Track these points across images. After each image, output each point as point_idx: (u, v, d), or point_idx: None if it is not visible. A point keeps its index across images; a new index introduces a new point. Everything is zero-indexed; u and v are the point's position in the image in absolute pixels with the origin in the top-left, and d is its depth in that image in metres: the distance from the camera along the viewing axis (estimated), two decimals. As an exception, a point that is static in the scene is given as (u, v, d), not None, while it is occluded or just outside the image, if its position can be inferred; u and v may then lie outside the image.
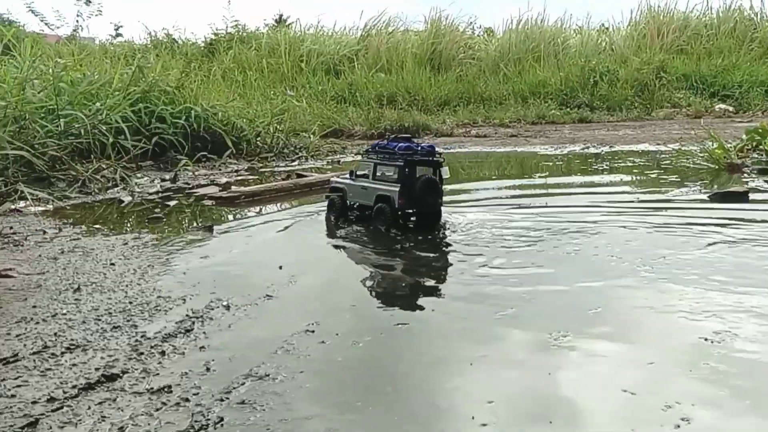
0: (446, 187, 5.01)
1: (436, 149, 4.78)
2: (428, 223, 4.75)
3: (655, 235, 4.51)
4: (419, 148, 4.67)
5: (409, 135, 5.03)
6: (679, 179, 6.95)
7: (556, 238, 4.43)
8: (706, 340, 2.71)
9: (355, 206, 4.97)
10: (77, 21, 15.36)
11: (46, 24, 15.11)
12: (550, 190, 6.70)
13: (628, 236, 4.46)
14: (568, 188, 6.78)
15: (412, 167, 4.58)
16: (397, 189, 4.57)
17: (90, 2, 14.60)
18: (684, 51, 19.18)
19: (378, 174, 4.76)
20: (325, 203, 5.22)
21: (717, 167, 7.52)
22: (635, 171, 7.75)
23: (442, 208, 4.84)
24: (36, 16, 15.09)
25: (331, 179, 5.31)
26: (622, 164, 8.41)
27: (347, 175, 5.09)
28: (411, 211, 4.74)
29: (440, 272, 3.85)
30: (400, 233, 4.64)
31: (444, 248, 4.31)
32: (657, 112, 15.85)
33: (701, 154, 8.09)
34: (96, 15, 15.63)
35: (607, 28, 22.32)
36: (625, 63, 17.73)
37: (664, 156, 9.07)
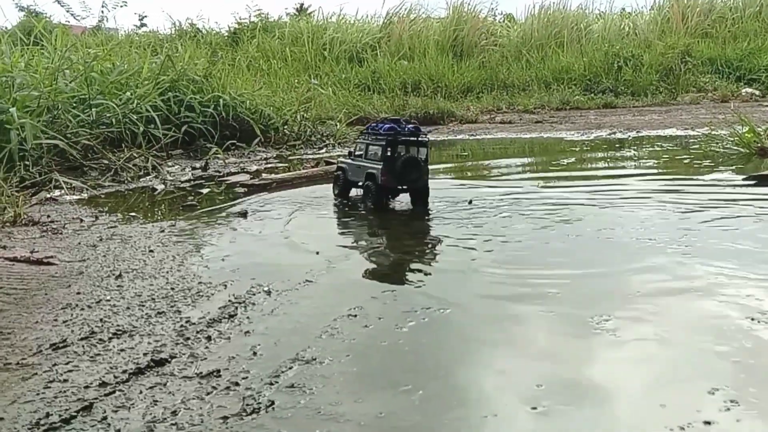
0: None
1: (422, 130, 5.08)
2: (419, 198, 5.06)
3: (692, 218, 4.48)
4: (405, 128, 4.97)
5: (398, 117, 5.38)
6: (711, 163, 6.88)
7: (590, 221, 4.43)
8: (752, 320, 2.69)
9: (358, 184, 5.28)
10: (102, 12, 15.50)
11: (72, 15, 15.26)
12: (582, 174, 6.64)
13: (663, 219, 4.45)
14: (598, 172, 6.71)
15: (393, 146, 4.90)
16: (381, 167, 4.89)
17: (115, -8, 14.73)
18: (709, 35, 18.94)
19: (370, 153, 5.10)
20: (354, 191, 5.49)
21: (748, 152, 7.43)
22: (665, 156, 7.68)
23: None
24: (62, 6, 15.24)
25: (339, 159, 5.73)
26: (651, 149, 8.34)
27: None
28: (399, 187, 5.02)
29: (476, 256, 3.83)
30: (428, 216, 4.77)
31: (477, 232, 4.30)
32: (683, 96, 15.69)
33: (731, 139, 7.99)
34: (121, 6, 15.76)
35: (630, 13, 22.05)
36: (649, 47, 17.55)
37: (692, 140, 8.97)
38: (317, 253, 3.86)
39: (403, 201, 5.20)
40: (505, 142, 10.16)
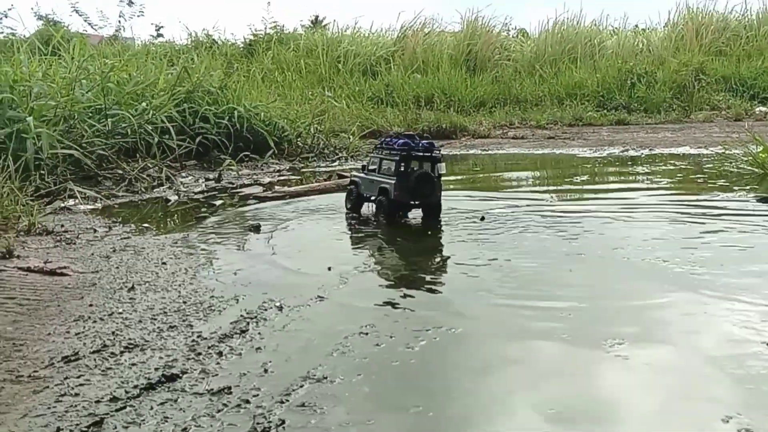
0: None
1: (436, 146, 5.11)
2: (431, 214, 5.10)
3: (706, 238, 4.46)
4: (419, 144, 5.00)
5: (412, 132, 5.40)
6: (725, 183, 6.84)
7: (602, 239, 4.42)
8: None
9: (371, 198, 5.27)
10: (119, 22, 15.63)
11: (89, 24, 15.40)
12: (595, 191, 6.62)
13: (676, 239, 4.44)
14: (610, 189, 6.68)
15: (407, 161, 4.92)
16: (394, 182, 4.92)
17: (132, 3, 14.87)
18: (723, 52, 18.86)
19: (383, 168, 5.12)
20: (366, 206, 5.46)
21: (762, 172, 7.38)
22: (678, 175, 7.65)
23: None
24: (80, 16, 15.39)
25: (352, 173, 5.74)
26: (664, 167, 8.30)
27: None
28: (412, 203, 5.05)
29: (487, 275, 3.82)
30: (439, 231, 4.72)
31: (488, 250, 4.29)
32: (696, 114, 15.62)
33: (745, 158, 7.94)
34: (138, 16, 15.90)
35: (643, 30, 22.02)
36: (663, 64, 17.49)
37: (706, 159, 8.93)
38: (329, 268, 3.85)
39: (415, 215, 5.20)
40: (517, 157, 10.14)
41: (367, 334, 2.87)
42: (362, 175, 5.36)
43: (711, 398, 2.32)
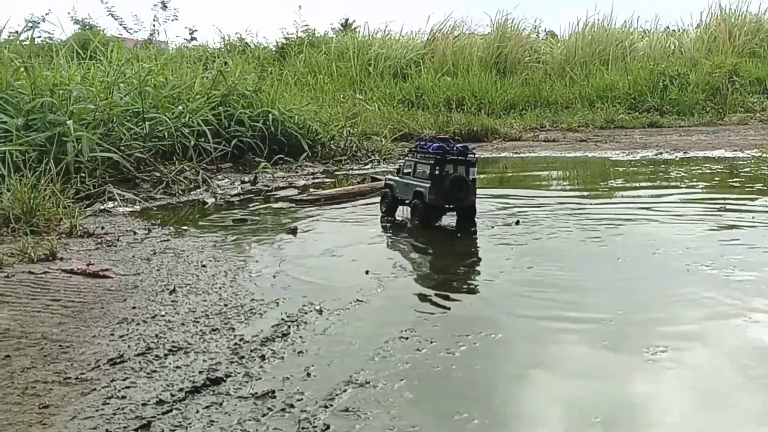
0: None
1: (471, 150, 5.12)
2: (466, 217, 5.12)
3: (743, 242, 4.44)
4: (453, 148, 5.03)
5: (446, 136, 5.44)
6: (763, 187, 6.74)
7: (638, 243, 4.39)
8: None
9: (406, 202, 5.29)
10: (154, 25, 15.83)
11: (124, 28, 15.61)
12: (630, 195, 6.55)
13: (713, 243, 4.42)
14: (645, 193, 6.60)
15: (442, 165, 4.94)
16: (428, 185, 4.94)
17: (166, 7, 15.04)
18: (756, 54, 18.55)
19: (418, 172, 5.13)
20: (401, 209, 5.47)
21: (801, 175, 7.28)
22: (715, 179, 7.55)
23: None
24: (116, 20, 15.60)
25: (387, 176, 5.73)
26: (699, 171, 8.20)
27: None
28: (447, 206, 5.07)
29: (524, 279, 3.81)
30: (473, 234, 4.77)
31: (524, 253, 4.29)
32: (730, 116, 15.39)
33: (783, 162, 7.83)
34: (172, 20, 16.08)
35: (674, 31, 21.74)
36: (695, 66, 17.26)
37: (742, 163, 8.81)
38: (367, 272, 3.87)
39: (451, 219, 5.19)
40: (549, 160, 10.08)
41: (407, 338, 2.88)
42: (397, 178, 5.37)
43: (754, 404, 2.30)
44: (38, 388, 2.39)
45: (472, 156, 5.05)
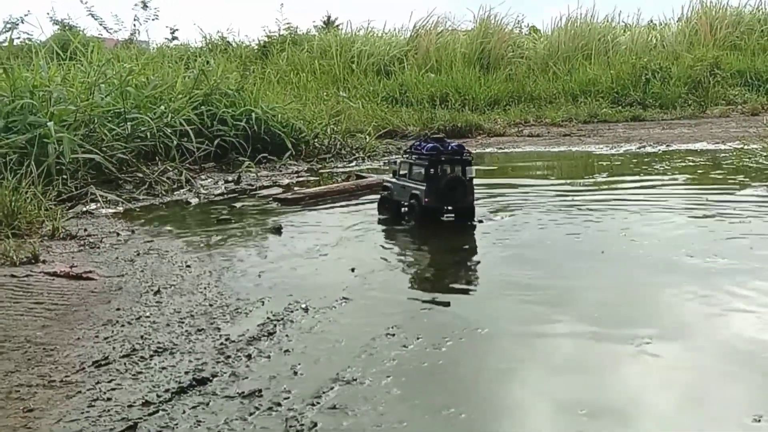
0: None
1: (466, 149, 5.03)
2: (463, 218, 5.01)
3: (732, 232, 4.48)
4: (449, 147, 4.94)
5: (441, 135, 5.25)
6: (745, 179, 6.79)
7: (624, 235, 4.41)
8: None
9: (404, 204, 5.20)
10: (134, 25, 15.72)
11: (105, 28, 15.49)
12: (614, 188, 6.58)
13: (698, 235, 4.45)
14: (630, 188, 6.63)
15: (436, 166, 4.85)
16: (424, 187, 4.85)
17: (147, 6, 14.94)
18: (738, 47, 18.68)
19: (414, 173, 5.05)
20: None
21: (782, 167, 7.32)
22: (699, 171, 7.60)
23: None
24: (96, 20, 15.48)
25: (384, 179, 5.63)
26: (682, 163, 8.25)
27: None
28: (445, 207, 4.98)
29: (511, 273, 3.82)
30: (462, 230, 4.74)
31: (512, 246, 4.30)
32: (712, 109, 15.47)
33: (764, 153, 7.87)
34: (153, 19, 15.98)
35: (656, 25, 21.86)
36: (677, 60, 17.35)
37: (724, 155, 8.87)
38: (353, 270, 3.86)
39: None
40: (533, 155, 10.11)
41: (393, 335, 2.88)
42: (394, 180, 5.28)
43: (742, 398, 2.31)
44: (22, 392, 2.37)
45: (468, 155, 4.97)
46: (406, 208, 5.16)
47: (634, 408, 2.27)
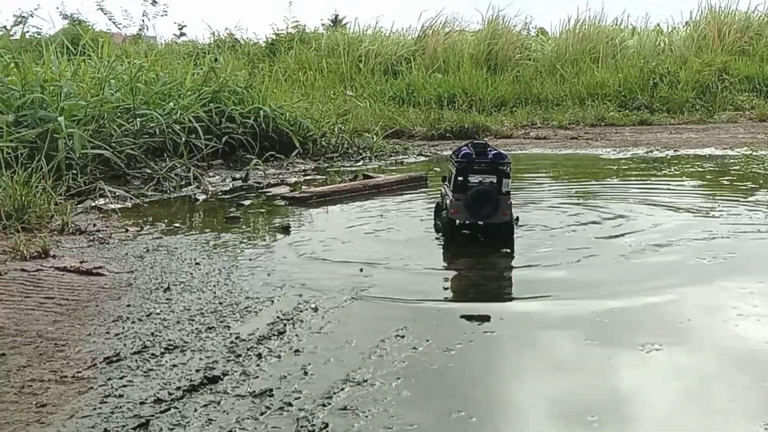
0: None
1: (506, 158, 4.37)
2: (497, 236, 4.42)
3: (741, 238, 4.49)
4: (488, 155, 4.34)
5: (484, 141, 4.69)
6: (754, 185, 6.78)
7: (636, 240, 4.40)
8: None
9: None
10: (143, 21, 15.75)
11: (114, 23, 15.53)
12: (624, 194, 6.57)
13: (709, 241, 4.42)
14: (639, 193, 6.63)
15: (465, 175, 4.29)
16: (451, 198, 4.35)
17: (156, 2, 14.97)
18: (746, 52, 18.64)
19: (450, 180, 4.59)
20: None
21: (791, 174, 7.33)
22: (708, 177, 7.60)
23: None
24: (105, 15, 15.52)
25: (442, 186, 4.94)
26: (690, 168, 8.24)
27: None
28: (473, 222, 4.43)
29: (522, 276, 3.83)
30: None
31: (523, 249, 4.30)
32: (719, 114, 15.44)
33: (773, 160, 7.88)
34: (162, 15, 16.01)
35: (663, 29, 21.81)
36: (685, 64, 17.31)
37: (732, 161, 8.86)
38: (361, 270, 3.87)
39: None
40: (541, 157, 10.10)
41: (403, 336, 2.88)
42: (444, 186, 4.77)
43: (753, 405, 2.32)
44: (35, 387, 2.39)
45: (506, 166, 4.32)
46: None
47: (644, 413, 2.27)
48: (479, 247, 4.51)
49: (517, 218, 4.52)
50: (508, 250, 4.30)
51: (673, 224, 4.96)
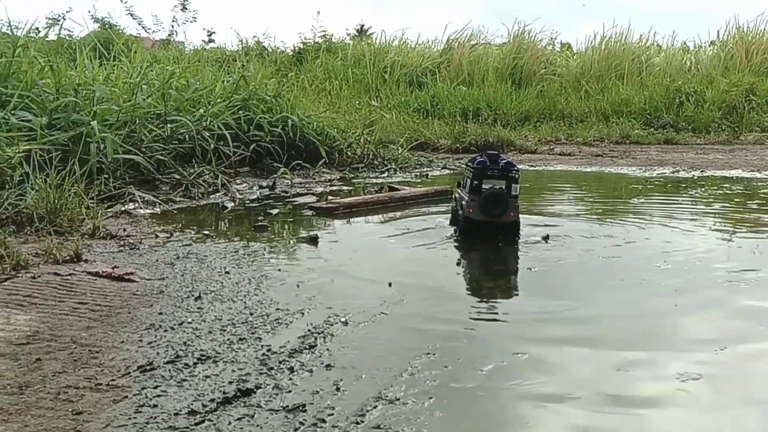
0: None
1: (515, 166, 5.03)
2: (506, 233, 4.97)
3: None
4: (499, 163, 4.97)
5: (496, 152, 5.24)
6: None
7: (658, 261, 4.37)
8: None
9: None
10: (172, 26, 15.91)
11: (144, 28, 15.70)
12: (650, 212, 6.53)
13: (733, 265, 4.37)
14: (667, 216, 6.58)
15: (480, 179, 4.89)
16: (467, 199, 4.91)
17: (186, 8, 15.12)
18: (773, 74, 18.51)
19: (466, 185, 5.09)
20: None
21: (820, 198, 7.25)
22: (736, 200, 7.53)
23: None
24: (135, 19, 15.70)
25: (454, 190, 5.63)
26: (718, 191, 8.17)
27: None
28: (486, 220, 4.91)
29: (556, 298, 3.81)
30: (499, 249, 4.71)
31: (558, 271, 4.28)
32: (746, 135, 15.32)
33: (802, 184, 7.80)
34: (191, 21, 16.16)
35: (690, 48, 21.68)
36: (712, 84, 17.21)
37: (760, 183, 8.78)
38: (390, 284, 3.87)
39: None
40: (566, 174, 10.07)
41: (434, 354, 2.87)
42: (459, 191, 5.33)
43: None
44: (70, 394, 2.40)
45: (515, 173, 4.95)
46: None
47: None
48: (509, 266, 4.54)
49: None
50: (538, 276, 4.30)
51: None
